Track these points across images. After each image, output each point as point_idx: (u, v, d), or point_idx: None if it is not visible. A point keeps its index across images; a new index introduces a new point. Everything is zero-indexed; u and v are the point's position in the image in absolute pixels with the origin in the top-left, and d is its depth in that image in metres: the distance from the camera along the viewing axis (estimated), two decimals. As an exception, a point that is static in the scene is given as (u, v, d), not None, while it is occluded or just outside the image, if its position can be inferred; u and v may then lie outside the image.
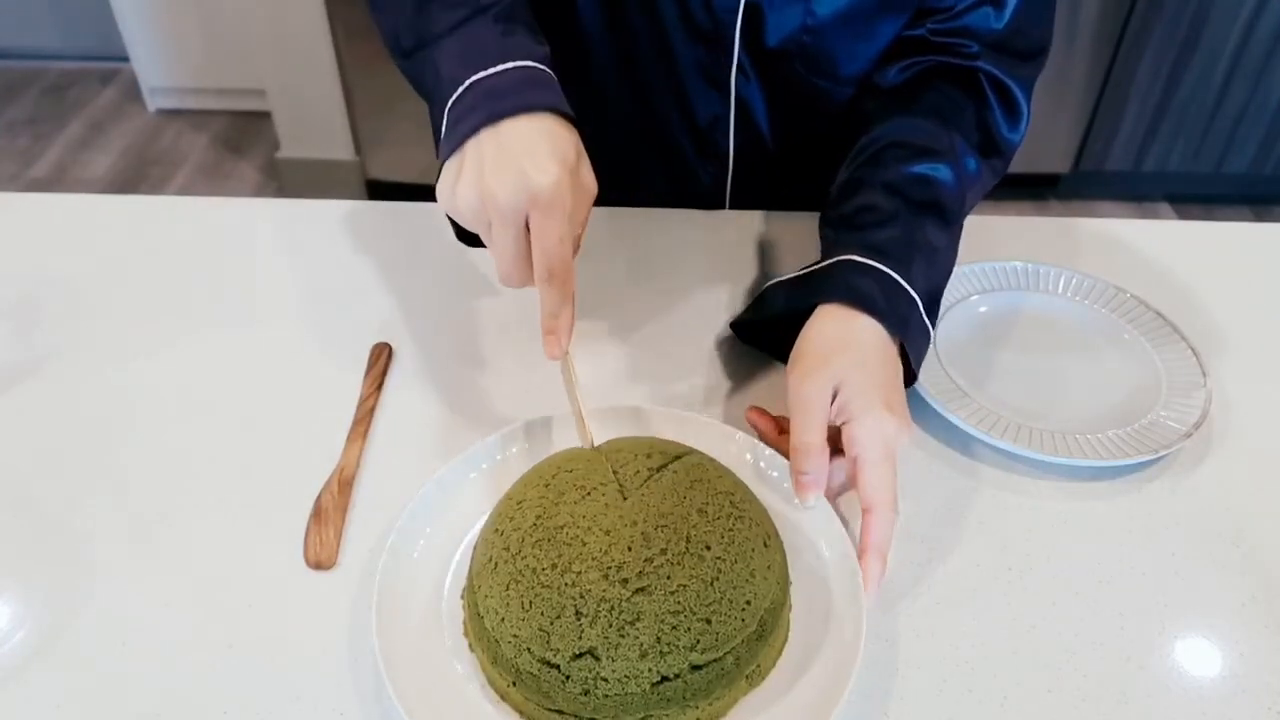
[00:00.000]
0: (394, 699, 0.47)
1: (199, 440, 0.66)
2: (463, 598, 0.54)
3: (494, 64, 0.58)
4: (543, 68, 0.59)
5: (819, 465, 0.56)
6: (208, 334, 0.75)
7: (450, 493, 0.59)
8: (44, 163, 2.66)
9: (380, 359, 0.72)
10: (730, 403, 0.69)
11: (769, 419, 0.65)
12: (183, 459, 0.65)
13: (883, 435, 0.55)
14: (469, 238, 0.65)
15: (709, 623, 0.48)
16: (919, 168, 0.67)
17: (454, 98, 0.58)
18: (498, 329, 0.75)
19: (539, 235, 0.54)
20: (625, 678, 0.47)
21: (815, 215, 0.73)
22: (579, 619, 0.47)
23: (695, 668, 0.47)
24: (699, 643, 0.47)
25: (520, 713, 0.49)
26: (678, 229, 0.86)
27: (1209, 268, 0.83)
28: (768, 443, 0.62)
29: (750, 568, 0.50)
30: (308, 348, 0.74)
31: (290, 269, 0.82)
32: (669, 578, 0.48)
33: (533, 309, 0.57)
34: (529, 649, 0.48)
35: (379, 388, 0.70)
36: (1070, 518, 0.62)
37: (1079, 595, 0.57)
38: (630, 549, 0.49)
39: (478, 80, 0.58)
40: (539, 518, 0.51)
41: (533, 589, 0.49)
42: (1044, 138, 2.33)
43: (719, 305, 0.78)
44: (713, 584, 0.48)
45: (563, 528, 0.50)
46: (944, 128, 0.70)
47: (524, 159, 0.54)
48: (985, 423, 0.65)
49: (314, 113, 2.39)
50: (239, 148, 2.72)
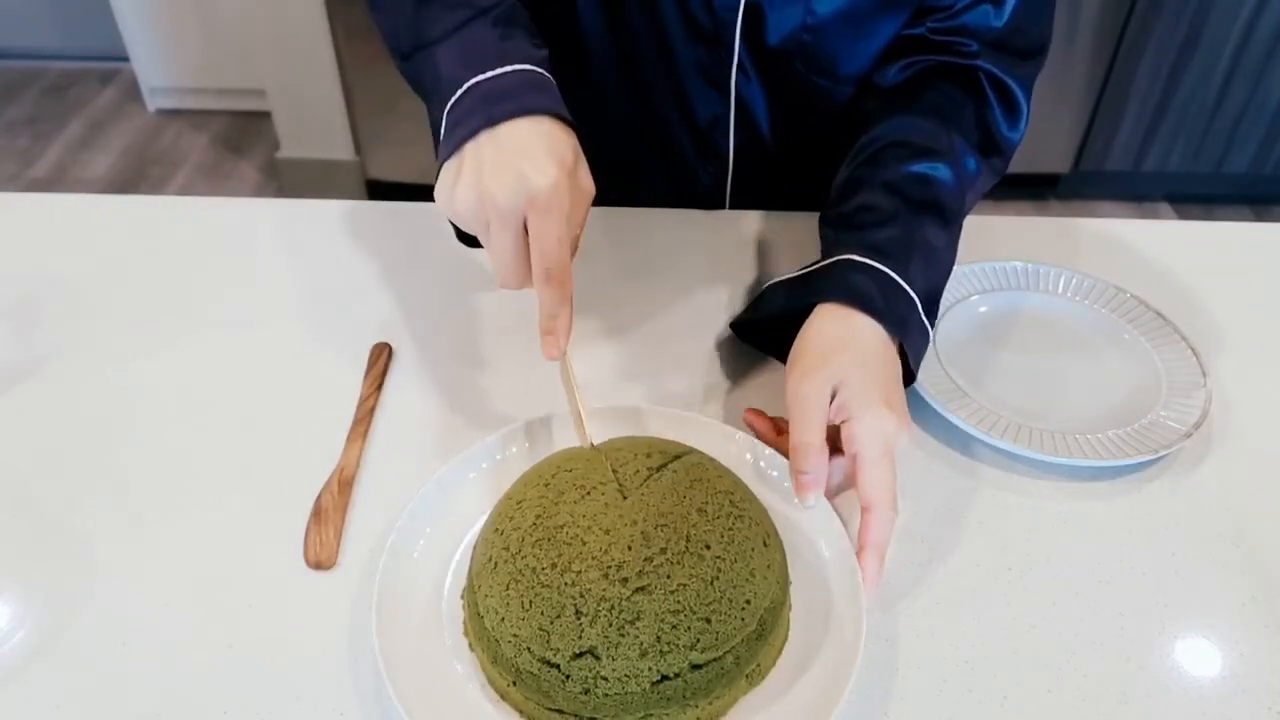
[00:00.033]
0: (394, 699, 0.47)
1: (199, 440, 0.66)
2: (463, 597, 0.54)
3: (493, 67, 0.58)
4: (541, 71, 0.60)
5: (818, 465, 0.56)
6: (208, 334, 0.75)
7: (450, 493, 0.59)
8: (44, 163, 2.66)
9: (380, 359, 0.72)
10: (730, 402, 0.69)
11: (766, 420, 0.65)
12: (183, 459, 0.65)
13: (882, 434, 0.55)
14: (469, 239, 0.65)
15: (709, 622, 0.48)
16: (918, 167, 0.67)
17: (453, 100, 0.58)
18: (498, 329, 0.75)
19: (537, 236, 0.54)
20: (625, 677, 0.47)
21: (815, 215, 0.73)
22: (579, 618, 0.47)
23: (695, 667, 0.47)
24: (699, 642, 0.47)
25: (520, 712, 0.50)
26: (678, 229, 0.86)
27: (1209, 268, 0.83)
28: (766, 444, 0.62)
29: (750, 567, 0.50)
30: (308, 348, 0.74)
31: (290, 269, 0.82)
32: (669, 577, 0.48)
33: (533, 309, 0.57)
34: (529, 648, 0.48)
35: (379, 388, 0.70)
36: (1070, 518, 0.62)
37: (1079, 595, 0.57)
38: (630, 548, 0.49)
39: (476, 83, 0.58)
40: (539, 517, 0.51)
41: (533, 588, 0.49)
42: (1044, 138, 2.33)
43: (719, 305, 0.78)
44: (713, 583, 0.49)
45: (562, 527, 0.50)
46: (944, 127, 0.70)
47: (522, 161, 0.54)
48: (985, 423, 0.65)
49: (314, 113, 2.39)
50: (239, 148, 2.72)
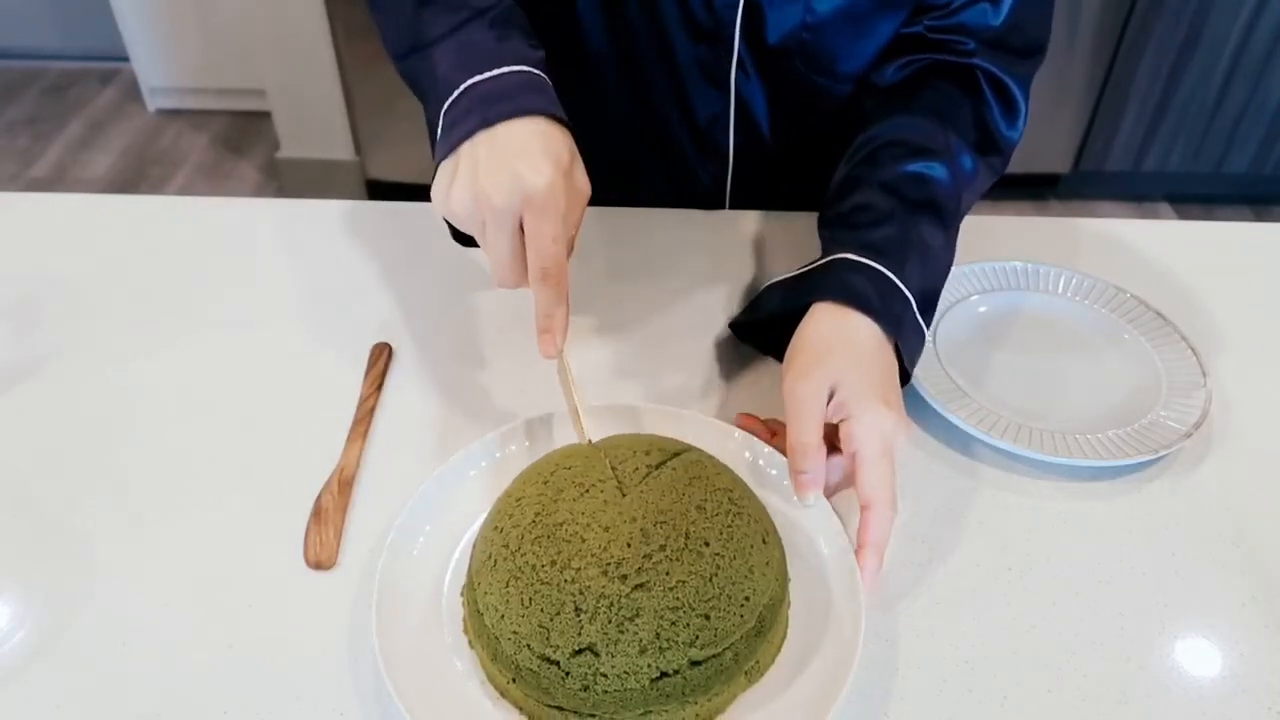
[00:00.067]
0: (394, 696, 0.47)
1: (199, 440, 0.66)
2: (462, 595, 0.54)
3: (489, 68, 0.58)
4: (537, 72, 0.60)
5: (817, 464, 0.56)
6: (208, 334, 0.75)
7: (450, 491, 0.59)
8: (44, 163, 2.67)
9: (380, 359, 0.72)
10: (728, 401, 0.69)
11: (757, 423, 0.65)
12: (183, 459, 0.65)
13: (881, 432, 0.55)
14: (465, 239, 0.65)
15: (708, 619, 0.48)
16: (914, 166, 0.67)
17: (449, 101, 0.59)
18: (497, 329, 0.75)
19: (533, 236, 0.55)
20: (625, 673, 0.47)
21: (815, 215, 0.73)
22: (578, 615, 0.47)
23: (694, 663, 0.47)
24: (698, 638, 0.47)
25: (520, 709, 0.50)
26: (677, 229, 0.86)
27: (1209, 268, 0.83)
28: (763, 443, 0.62)
29: (749, 564, 0.50)
30: (308, 348, 0.74)
31: (290, 269, 0.82)
32: (668, 574, 0.48)
33: (531, 308, 0.57)
34: (529, 645, 0.48)
35: (379, 388, 0.70)
36: (1070, 518, 0.62)
37: (1079, 595, 0.57)
38: (629, 545, 0.49)
39: (473, 84, 0.58)
40: (538, 515, 0.51)
41: (532, 585, 0.49)
42: (1044, 138, 2.33)
43: (718, 305, 0.78)
44: (711, 580, 0.49)
45: (562, 524, 0.50)
46: (940, 126, 0.70)
47: (518, 161, 0.54)
48: (985, 423, 0.65)
49: (314, 113, 2.39)
50: (239, 148, 2.72)
